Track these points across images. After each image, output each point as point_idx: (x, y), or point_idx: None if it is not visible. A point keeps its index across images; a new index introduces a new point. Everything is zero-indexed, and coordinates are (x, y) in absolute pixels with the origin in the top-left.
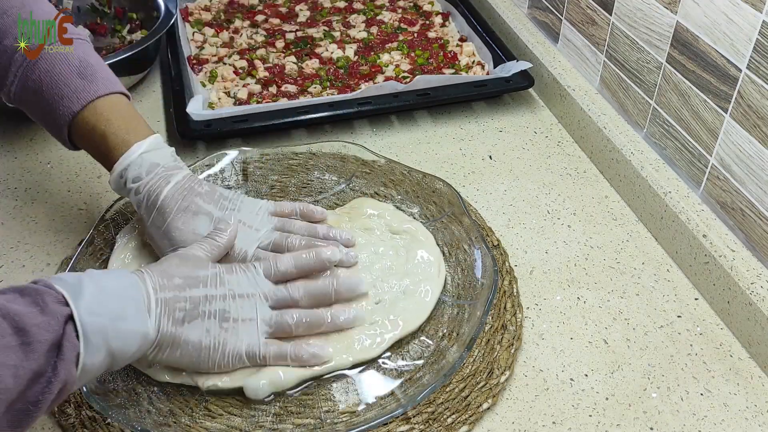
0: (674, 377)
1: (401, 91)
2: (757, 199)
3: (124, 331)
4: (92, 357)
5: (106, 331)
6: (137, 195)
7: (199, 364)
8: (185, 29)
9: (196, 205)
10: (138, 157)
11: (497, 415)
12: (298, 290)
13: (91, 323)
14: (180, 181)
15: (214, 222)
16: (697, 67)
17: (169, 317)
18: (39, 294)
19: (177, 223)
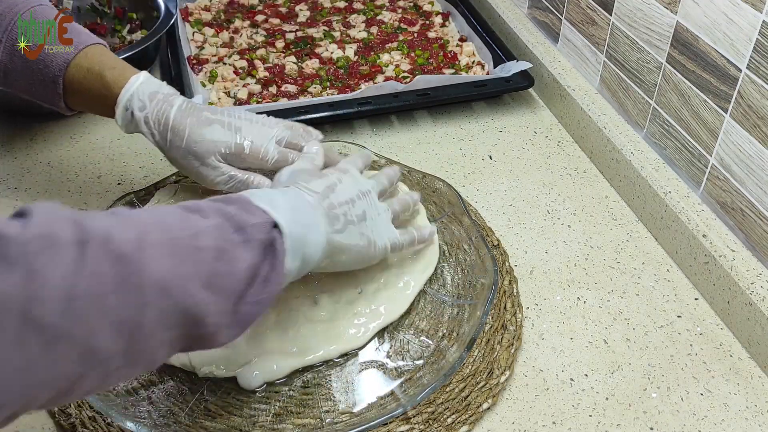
0: (674, 377)
1: (401, 91)
2: (757, 199)
3: (313, 240)
4: (293, 261)
5: (302, 238)
6: (147, 123)
7: (359, 262)
8: (185, 29)
9: (206, 117)
10: (138, 87)
11: (497, 415)
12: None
13: (292, 231)
14: (182, 103)
15: (227, 126)
16: (697, 67)
17: (332, 226)
18: (242, 202)
19: (194, 137)
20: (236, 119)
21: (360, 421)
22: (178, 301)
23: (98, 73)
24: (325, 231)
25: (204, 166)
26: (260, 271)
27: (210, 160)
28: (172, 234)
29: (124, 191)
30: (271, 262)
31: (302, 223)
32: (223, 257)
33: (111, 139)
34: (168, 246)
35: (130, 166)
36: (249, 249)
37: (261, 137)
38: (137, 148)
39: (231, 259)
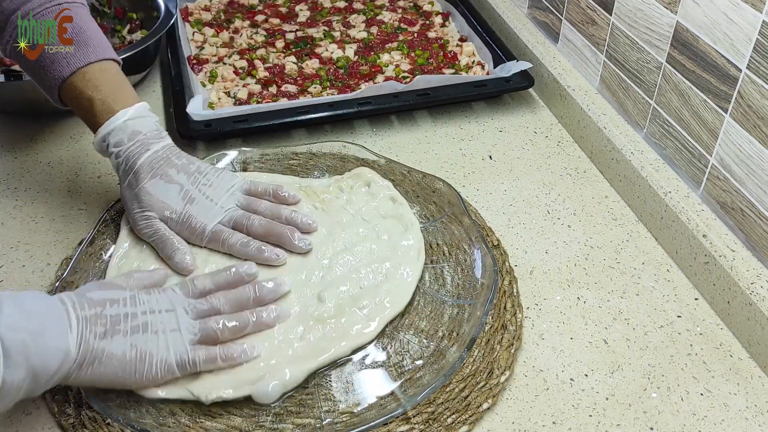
0: (674, 377)
1: (401, 91)
2: (757, 199)
3: (45, 347)
4: (12, 374)
5: (27, 346)
6: (117, 159)
7: (125, 378)
8: (185, 29)
9: (168, 175)
10: (122, 124)
11: (497, 415)
12: (218, 300)
13: (10, 339)
14: (158, 150)
15: (182, 194)
16: (697, 67)
17: (91, 332)
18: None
19: (148, 188)
20: (196, 189)
21: (360, 421)
22: None
23: (89, 98)
24: (77, 337)
25: (140, 214)
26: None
27: (148, 213)
28: None
29: None
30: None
31: (30, 330)
32: None
33: None
34: None
35: None
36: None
37: (207, 215)
38: None
39: None
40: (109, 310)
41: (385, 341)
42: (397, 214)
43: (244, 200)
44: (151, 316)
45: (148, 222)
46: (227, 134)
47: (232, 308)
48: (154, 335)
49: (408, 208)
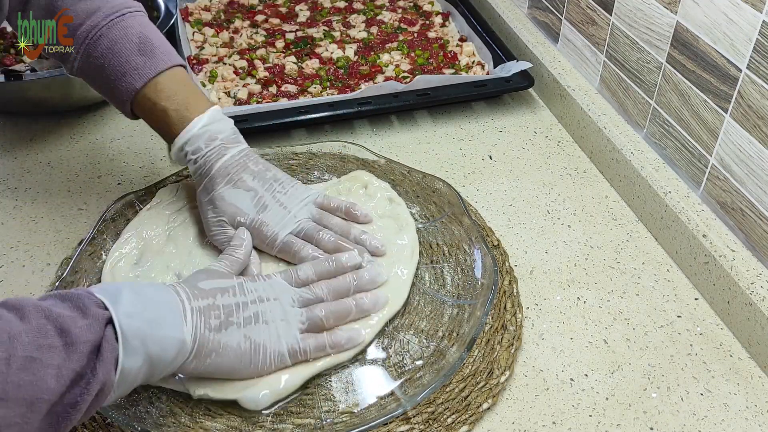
0: (674, 377)
1: (401, 91)
2: (757, 199)
3: (162, 336)
4: (130, 360)
5: (144, 334)
6: (195, 165)
7: (241, 369)
8: (185, 29)
9: (244, 181)
10: (198, 131)
11: (497, 415)
12: (321, 289)
13: (129, 326)
14: (235, 155)
15: (256, 200)
16: (697, 67)
17: (206, 325)
18: (80, 298)
19: (223, 193)
20: (270, 196)
21: (360, 421)
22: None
23: (162, 109)
24: (192, 328)
25: (213, 220)
26: (84, 374)
27: (221, 219)
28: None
29: (124, 191)
30: (93, 366)
31: (147, 319)
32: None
33: (111, 139)
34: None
35: (130, 166)
36: (70, 353)
37: (279, 223)
38: (137, 149)
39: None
40: (221, 300)
41: (385, 341)
42: (394, 214)
43: (317, 213)
44: (261, 306)
45: (221, 229)
46: None
47: (333, 297)
48: (264, 325)
49: (405, 207)
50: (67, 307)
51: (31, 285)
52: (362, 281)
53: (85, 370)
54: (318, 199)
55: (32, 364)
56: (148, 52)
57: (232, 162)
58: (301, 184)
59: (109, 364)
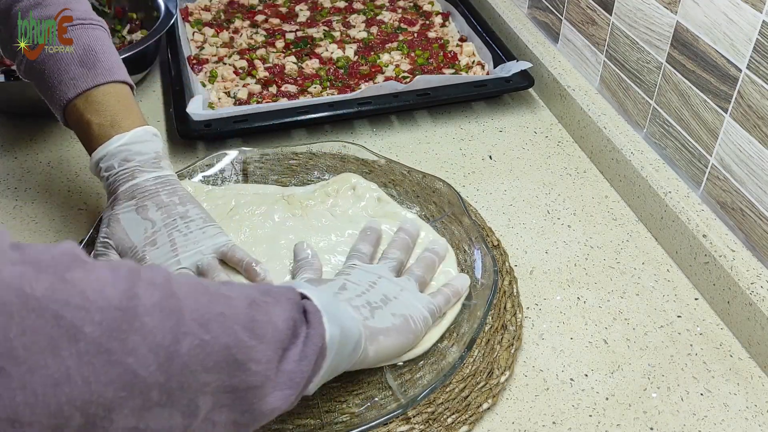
0: (674, 377)
1: (401, 91)
2: (757, 199)
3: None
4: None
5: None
6: (107, 182)
7: (405, 343)
8: (185, 29)
9: (145, 210)
10: (114, 149)
11: (497, 415)
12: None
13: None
14: (148, 180)
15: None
16: (697, 67)
17: (360, 315)
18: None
19: (120, 216)
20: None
21: (360, 421)
22: (218, 335)
23: (87, 122)
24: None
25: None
26: (299, 328)
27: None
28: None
29: None
30: (307, 321)
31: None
32: (258, 308)
33: None
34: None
35: None
36: (282, 306)
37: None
38: None
39: (266, 311)
40: (349, 294)
41: None
42: (390, 213)
43: (207, 265)
44: (379, 287)
45: (105, 250)
46: (227, 134)
47: (407, 253)
48: (396, 300)
49: (396, 205)
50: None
51: None
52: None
53: (299, 324)
54: (223, 248)
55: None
56: (89, 65)
57: (141, 187)
58: (215, 229)
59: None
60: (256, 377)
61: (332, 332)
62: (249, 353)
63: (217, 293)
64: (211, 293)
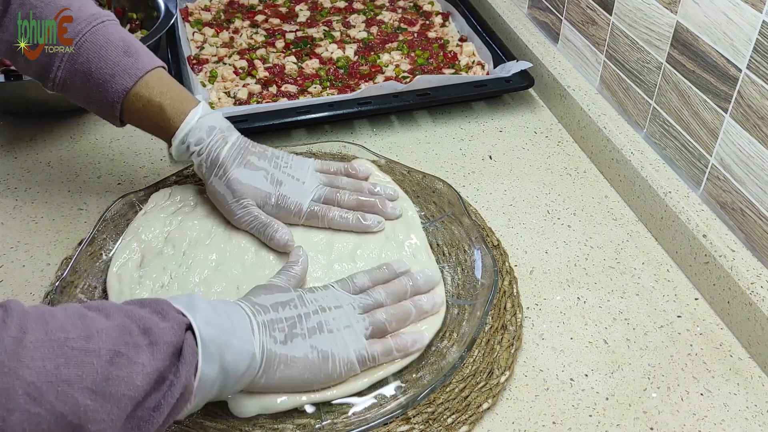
0: (674, 377)
1: (401, 91)
2: (757, 199)
3: (236, 346)
4: (209, 367)
5: (220, 342)
6: (199, 156)
7: (311, 380)
8: (185, 29)
9: (252, 163)
10: (197, 122)
11: (497, 415)
12: (380, 294)
13: (207, 333)
14: (236, 141)
15: (269, 178)
16: (697, 67)
17: (271, 338)
18: (158, 304)
19: (238, 176)
20: (280, 171)
21: (360, 422)
22: (52, 406)
23: (158, 104)
24: (259, 342)
25: (236, 204)
26: (167, 376)
27: (244, 201)
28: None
29: (124, 191)
30: (177, 367)
31: (222, 328)
32: (120, 361)
33: (111, 139)
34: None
35: (130, 166)
36: (154, 353)
37: (298, 194)
38: (137, 148)
39: (128, 364)
40: (283, 313)
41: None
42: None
43: (325, 178)
44: (323, 315)
45: (245, 210)
46: None
47: (392, 300)
48: (329, 334)
49: (410, 202)
50: (147, 312)
51: (31, 285)
52: (417, 283)
53: (168, 372)
54: (317, 165)
55: (120, 359)
56: (134, 54)
57: (235, 148)
58: (296, 156)
59: (190, 367)
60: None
61: (207, 372)
62: (89, 416)
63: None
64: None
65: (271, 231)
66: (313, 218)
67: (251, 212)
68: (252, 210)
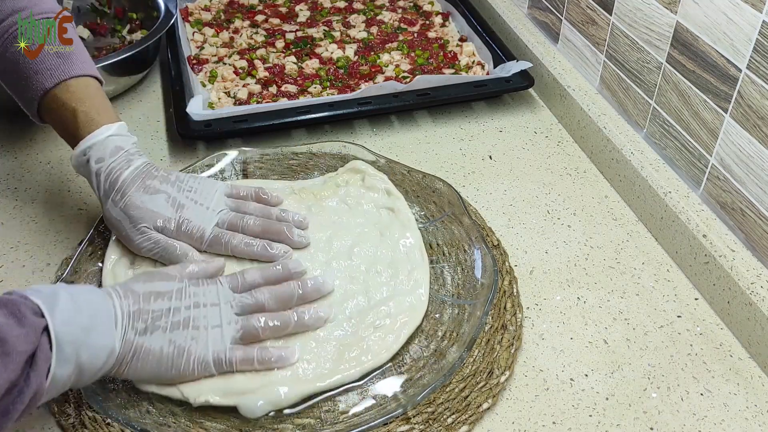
0: (674, 377)
1: (401, 91)
2: (757, 199)
3: (94, 343)
4: (62, 368)
5: (78, 342)
6: (98, 177)
7: (162, 373)
8: (185, 29)
9: (154, 187)
10: (105, 139)
11: (497, 415)
12: (263, 294)
13: (64, 334)
14: (139, 165)
15: (170, 201)
16: (697, 67)
17: (132, 328)
18: (16, 305)
19: (136, 202)
20: (182, 195)
21: (360, 421)
22: None
23: (72, 109)
24: (119, 334)
25: (133, 230)
26: (17, 383)
27: (141, 227)
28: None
29: None
30: (28, 374)
31: (82, 326)
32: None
33: None
34: None
35: None
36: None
37: (201, 218)
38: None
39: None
40: (153, 305)
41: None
42: (395, 208)
43: (232, 203)
44: (195, 311)
45: (144, 236)
46: (227, 134)
47: (276, 304)
48: (195, 331)
49: (404, 201)
50: (3, 314)
51: (31, 285)
52: (306, 290)
53: (18, 380)
54: (226, 189)
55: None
56: (64, 56)
57: (138, 171)
58: (207, 178)
59: (42, 373)
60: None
61: (59, 374)
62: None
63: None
64: None
65: (177, 256)
66: (216, 244)
67: (151, 237)
68: (151, 235)
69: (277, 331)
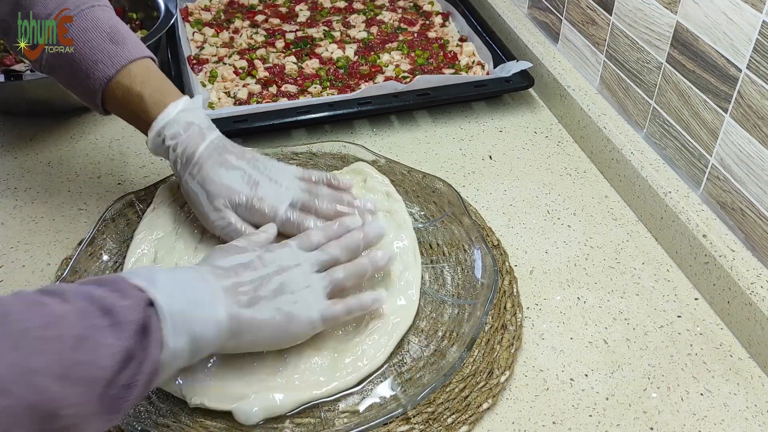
0: (674, 377)
1: (401, 91)
2: (757, 199)
3: (202, 316)
4: (177, 340)
5: (185, 314)
6: (174, 152)
7: (277, 341)
8: (185, 29)
9: (229, 162)
10: (175, 116)
11: (497, 415)
12: (334, 249)
13: (171, 307)
14: (214, 139)
15: (246, 178)
16: (697, 67)
17: (236, 302)
18: (116, 282)
19: (213, 176)
20: (258, 173)
21: (360, 421)
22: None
23: (138, 94)
24: (225, 307)
25: (209, 206)
26: (134, 354)
27: (217, 203)
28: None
29: (124, 191)
30: (143, 345)
31: (187, 299)
32: (84, 345)
33: (111, 139)
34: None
35: (130, 166)
36: (118, 332)
37: (275, 197)
38: (137, 148)
39: (93, 347)
40: (245, 275)
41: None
42: (392, 210)
43: (305, 185)
44: (284, 276)
45: (219, 214)
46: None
47: (347, 255)
48: (291, 295)
49: (403, 204)
50: (106, 290)
51: (31, 285)
52: (369, 236)
53: (135, 350)
54: (298, 173)
55: (83, 343)
56: (120, 41)
57: (213, 146)
58: (279, 162)
59: (157, 343)
60: (68, 420)
61: (175, 346)
62: (60, 402)
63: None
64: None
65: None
66: (289, 225)
67: (224, 216)
68: (224, 213)
69: (358, 277)
